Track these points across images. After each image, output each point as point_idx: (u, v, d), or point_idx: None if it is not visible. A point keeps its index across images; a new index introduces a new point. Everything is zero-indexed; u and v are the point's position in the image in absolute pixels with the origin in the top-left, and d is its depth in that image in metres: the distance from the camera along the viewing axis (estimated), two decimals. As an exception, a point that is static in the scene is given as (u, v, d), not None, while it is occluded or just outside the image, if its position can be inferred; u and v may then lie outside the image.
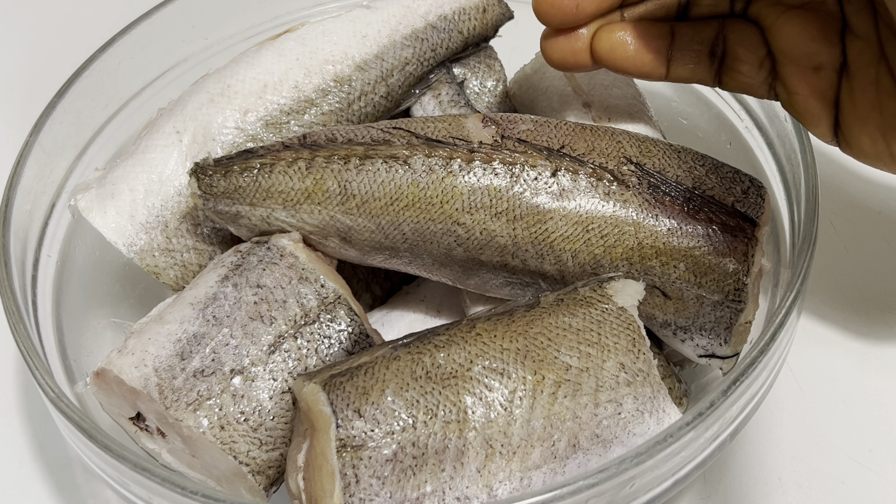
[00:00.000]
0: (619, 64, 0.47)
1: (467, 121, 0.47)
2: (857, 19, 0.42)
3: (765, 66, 0.45)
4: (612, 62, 0.47)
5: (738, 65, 0.46)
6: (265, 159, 0.46)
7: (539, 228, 0.45)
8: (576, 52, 0.47)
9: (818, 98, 0.44)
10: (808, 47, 0.43)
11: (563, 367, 0.40)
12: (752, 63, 0.45)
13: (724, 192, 0.45)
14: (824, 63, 0.43)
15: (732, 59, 0.46)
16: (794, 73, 0.44)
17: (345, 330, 0.45)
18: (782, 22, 0.44)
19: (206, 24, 0.60)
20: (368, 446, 0.38)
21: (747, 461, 0.52)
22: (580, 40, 0.47)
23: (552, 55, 0.48)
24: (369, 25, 0.53)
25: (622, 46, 0.47)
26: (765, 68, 0.45)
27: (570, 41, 0.47)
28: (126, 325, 0.48)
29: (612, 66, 0.48)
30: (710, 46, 0.46)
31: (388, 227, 0.46)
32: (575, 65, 0.48)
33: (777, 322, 0.42)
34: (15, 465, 0.54)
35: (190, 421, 0.41)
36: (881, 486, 0.50)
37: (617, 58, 0.47)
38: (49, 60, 0.78)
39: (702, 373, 0.51)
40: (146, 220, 0.49)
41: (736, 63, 0.46)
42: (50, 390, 0.42)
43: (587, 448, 0.40)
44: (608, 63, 0.47)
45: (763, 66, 0.45)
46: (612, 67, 0.48)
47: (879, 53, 0.41)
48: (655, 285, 0.45)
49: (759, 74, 0.45)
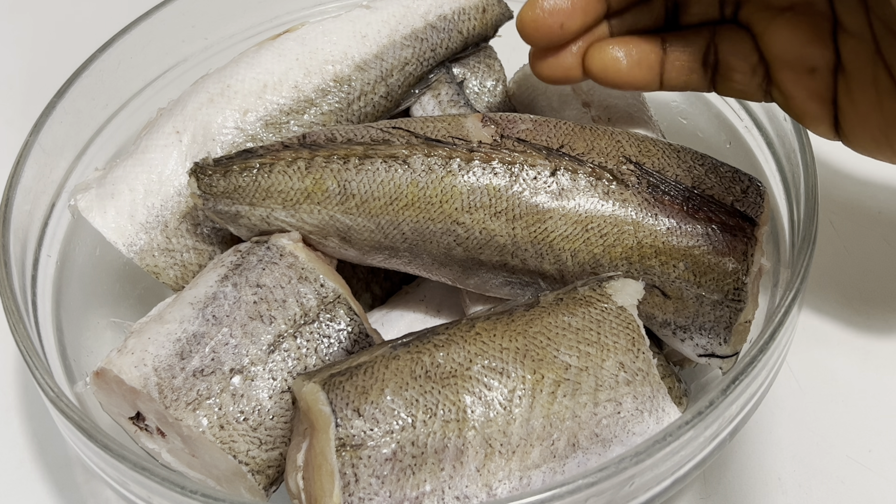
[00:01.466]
0: (612, 81, 0.47)
1: (467, 120, 0.47)
2: (850, 17, 0.41)
3: (758, 73, 0.45)
4: (605, 80, 0.47)
5: (731, 73, 0.46)
6: (265, 159, 0.46)
7: (538, 228, 0.45)
8: (567, 69, 0.47)
9: (815, 100, 0.43)
10: (801, 51, 0.43)
11: (562, 367, 0.40)
12: (745, 71, 0.45)
13: (723, 192, 0.45)
14: (818, 65, 0.43)
15: (725, 68, 0.46)
16: (788, 78, 0.44)
17: (344, 329, 0.45)
18: (773, 28, 0.43)
19: (206, 24, 0.60)
20: (368, 445, 0.38)
21: (747, 461, 0.52)
22: (569, 57, 0.47)
23: (542, 73, 0.48)
24: (369, 25, 0.54)
25: (615, 64, 0.46)
26: (758, 74, 0.45)
27: (559, 59, 0.47)
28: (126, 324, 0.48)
29: (605, 83, 0.47)
30: (702, 56, 0.46)
31: (388, 226, 0.46)
32: (566, 80, 0.48)
33: (776, 321, 0.42)
34: (15, 465, 0.54)
35: (189, 420, 0.41)
36: (881, 486, 0.50)
37: (610, 76, 0.47)
38: (49, 60, 0.78)
39: (701, 372, 0.51)
40: (146, 220, 0.49)
41: (729, 71, 0.46)
42: (50, 390, 0.42)
43: (586, 447, 0.40)
44: (601, 80, 0.47)
45: (756, 73, 0.45)
46: (605, 84, 0.47)
47: (875, 51, 0.41)
48: (655, 285, 0.45)
49: (752, 81, 0.45)
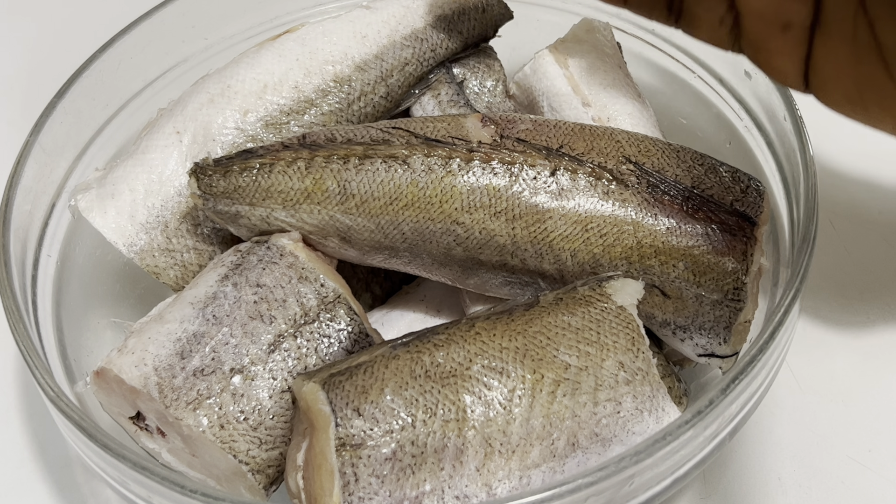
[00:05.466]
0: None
1: (466, 120, 0.47)
2: None
3: (725, 23, 0.42)
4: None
5: (696, 21, 0.43)
6: (264, 159, 0.46)
7: (538, 228, 0.45)
8: None
9: (786, 55, 0.40)
10: (777, 6, 0.39)
11: (562, 366, 0.40)
12: (711, 21, 0.42)
13: (723, 192, 0.45)
14: (794, 21, 0.39)
15: (689, 16, 0.43)
16: (759, 31, 0.41)
17: (344, 329, 0.45)
18: None
19: (206, 24, 0.60)
20: (368, 445, 0.38)
21: (747, 461, 0.52)
22: None
23: None
24: (369, 26, 0.54)
25: None
26: (725, 24, 0.42)
27: None
28: (126, 324, 0.48)
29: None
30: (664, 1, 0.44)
31: (388, 226, 0.46)
32: None
33: (776, 321, 0.42)
34: (15, 465, 0.54)
35: (190, 420, 0.41)
36: (881, 486, 0.50)
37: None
38: (49, 60, 0.78)
39: (701, 372, 0.51)
40: (146, 221, 0.49)
41: (693, 20, 0.43)
42: (50, 390, 0.42)
43: (586, 447, 0.40)
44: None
45: (724, 23, 0.42)
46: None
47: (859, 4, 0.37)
48: (654, 284, 0.45)
49: (719, 30, 0.42)
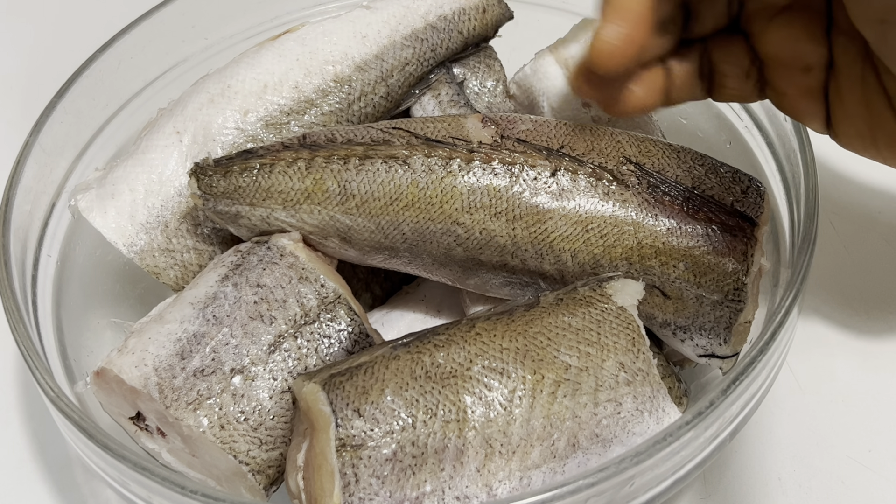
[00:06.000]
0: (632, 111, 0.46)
1: (467, 121, 0.47)
2: (843, 15, 0.41)
3: (751, 76, 0.45)
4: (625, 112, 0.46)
5: (726, 79, 0.46)
6: (265, 159, 0.46)
7: (538, 228, 0.45)
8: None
9: (809, 97, 0.44)
10: (797, 49, 0.43)
11: (562, 367, 0.40)
12: (738, 75, 0.45)
13: (723, 192, 0.45)
14: (813, 63, 0.43)
15: (720, 76, 0.46)
16: (783, 76, 0.44)
17: (345, 329, 0.45)
18: (771, 28, 0.43)
19: (206, 24, 0.60)
20: (368, 446, 0.38)
21: (747, 461, 0.52)
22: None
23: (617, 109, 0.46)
24: (369, 26, 0.53)
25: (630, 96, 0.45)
26: (752, 77, 0.45)
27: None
28: (126, 324, 0.48)
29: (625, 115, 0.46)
30: (698, 69, 0.46)
31: (388, 226, 0.46)
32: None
33: (777, 321, 0.42)
34: (15, 465, 0.54)
35: (190, 420, 0.41)
36: (881, 486, 0.50)
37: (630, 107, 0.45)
38: (49, 60, 0.78)
39: (701, 372, 0.51)
40: (146, 221, 0.49)
41: (723, 78, 0.46)
42: (50, 390, 0.42)
43: (587, 447, 0.40)
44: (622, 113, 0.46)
45: (750, 76, 0.45)
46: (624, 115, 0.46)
47: (864, 50, 0.41)
48: (655, 285, 0.45)
49: (747, 84, 0.45)
